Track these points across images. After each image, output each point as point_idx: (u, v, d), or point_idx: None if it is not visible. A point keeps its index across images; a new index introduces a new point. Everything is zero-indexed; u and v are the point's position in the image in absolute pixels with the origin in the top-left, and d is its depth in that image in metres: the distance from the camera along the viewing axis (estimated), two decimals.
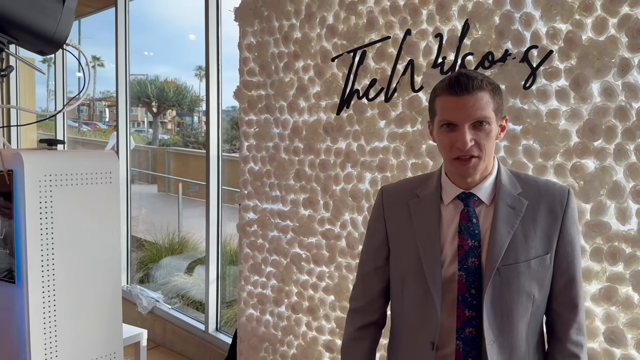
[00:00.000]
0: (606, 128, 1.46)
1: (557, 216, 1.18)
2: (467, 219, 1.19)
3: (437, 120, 1.17)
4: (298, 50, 2.21)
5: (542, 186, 1.21)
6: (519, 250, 1.16)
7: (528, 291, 1.17)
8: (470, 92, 1.11)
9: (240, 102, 2.49)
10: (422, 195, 1.26)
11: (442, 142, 1.17)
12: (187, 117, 21.74)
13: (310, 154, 2.20)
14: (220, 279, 3.37)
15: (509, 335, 1.17)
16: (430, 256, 1.19)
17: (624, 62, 1.42)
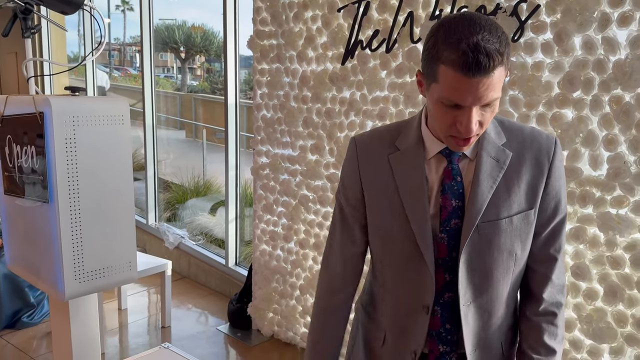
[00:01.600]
0: (585, 80, 1.55)
1: (543, 168, 1.07)
2: (451, 178, 1.07)
3: (439, 89, 0.96)
4: (307, 1, 2.31)
5: (527, 135, 1.10)
6: (500, 205, 1.06)
7: (510, 249, 1.07)
8: (487, 73, 0.91)
9: (253, 51, 2.62)
10: (403, 148, 1.12)
11: (439, 115, 0.99)
12: (216, 64, 21.77)
13: (317, 103, 2.34)
14: (239, 218, 3.61)
15: (488, 296, 1.09)
16: (419, 214, 1.07)
17: (604, 17, 1.50)
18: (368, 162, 1.15)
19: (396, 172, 1.11)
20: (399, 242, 1.10)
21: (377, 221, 1.14)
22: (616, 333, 1.57)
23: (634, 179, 1.49)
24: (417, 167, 1.09)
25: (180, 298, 3.48)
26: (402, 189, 1.10)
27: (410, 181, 1.09)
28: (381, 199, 1.13)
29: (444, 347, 1.12)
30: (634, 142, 1.48)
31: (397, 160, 1.12)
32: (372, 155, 1.15)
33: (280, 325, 2.73)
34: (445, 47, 0.92)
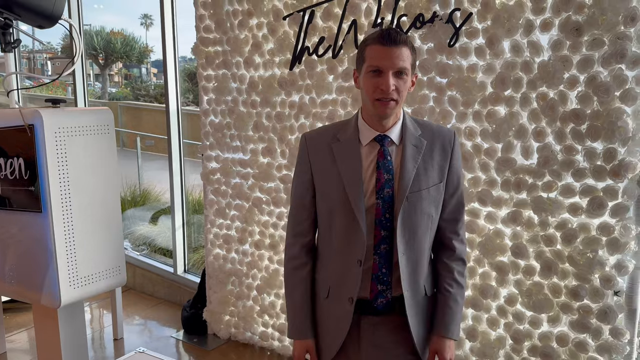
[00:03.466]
0: (514, 79, 1.74)
1: (447, 153, 1.42)
2: (384, 157, 1.38)
3: (366, 66, 1.32)
4: (252, 9, 2.38)
5: (435, 129, 1.45)
6: (421, 180, 1.39)
7: (428, 212, 1.40)
8: (397, 44, 1.29)
9: (198, 58, 2.65)
10: (343, 139, 1.42)
11: (368, 85, 1.33)
12: (135, 69, 21.04)
13: (267, 107, 2.41)
14: (185, 226, 3.59)
15: (414, 248, 1.40)
16: (355, 189, 1.37)
17: (528, 23, 1.70)
18: (315, 152, 1.45)
19: (338, 158, 1.41)
20: (341, 211, 1.40)
21: (324, 196, 1.44)
22: (553, 303, 1.77)
23: (561, 166, 1.70)
24: (353, 153, 1.40)
25: (129, 310, 3.41)
26: (342, 171, 1.39)
27: (348, 164, 1.39)
28: (326, 179, 1.43)
29: (381, 287, 1.41)
30: (559, 133, 1.69)
31: (339, 148, 1.42)
32: (318, 146, 1.45)
33: (238, 326, 2.77)
34: (369, 36, 1.34)
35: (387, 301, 1.42)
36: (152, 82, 19.13)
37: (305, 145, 1.48)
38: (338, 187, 1.39)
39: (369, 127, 1.40)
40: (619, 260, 1.64)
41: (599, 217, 1.65)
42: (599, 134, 1.60)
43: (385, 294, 1.42)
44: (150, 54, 19.77)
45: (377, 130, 1.40)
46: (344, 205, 1.39)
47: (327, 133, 1.47)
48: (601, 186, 1.64)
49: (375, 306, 1.42)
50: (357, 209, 1.37)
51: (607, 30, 1.56)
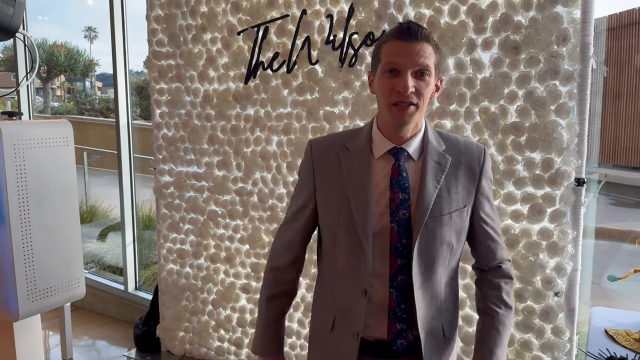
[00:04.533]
0: (458, 95, 1.85)
1: (475, 172, 1.25)
2: (398, 173, 1.20)
3: (382, 65, 1.17)
4: (205, 24, 2.40)
5: (462, 144, 1.28)
6: (443, 203, 1.20)
7: (448, 241, 1.22)
8: (417, 39, 1.13)
9: (150, 71, 2.63)
10: (353, 149, 1.26)
11: (384, 87, 1.16)
12: (78, 83, 20.38)
13: (221, 120, 2.43)
14: (136, 242, 3.52)
15: (431, 280, 1.22)
16: (362, 208, 1.20)
17: (471, 42, 1.81)
18: (321, 160, 1.30)
19: (345, 170, 1.24)
20: (345, 233, 1.23)
21: (327, 213, 1.28)
22: None
23: (503, 175, 1.81)
24: (363, 166, 1.23)
25: (78, 330, 3.30)
26: (350, 185, 1.23)
27: (357, 178, 1.23)
28: (331, 193, 1.26)
29: (401, 325, 1.23)
30: (500, 145, 1.80)
31: (347, 158, 1.25)
32: (326, 155, 1.29)
33: (193, 342, 2.74)
34: (387, 32, 1.21)
35: (408, 342, 1.24)
36: (97, 96, 18.58)
37: (310, 153, 1.32)
38: (343, 204, 1.23)
39: (384, 138, 1.23)
40: (558, 263, 1.76)
41: (539, 222, 1.77)
42: (537, 145, 1.73)
43: (406, 334, 1.23)
44: (95, 67, 19.22)
45: (392, 142, 1.23)
46: (349, 226, 1.22)
47: (336, 141, 1.31)
48: (540, 194, 1.76)
49: (395, 348, 1.24)
50: (362, 231, 1.20)
51: (542, 49, 1.69)
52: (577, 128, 1.68)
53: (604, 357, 1.58)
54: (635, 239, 5.67)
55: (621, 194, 8.95)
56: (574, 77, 1.66)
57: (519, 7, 1.72)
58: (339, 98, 2.11)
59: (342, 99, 2.11)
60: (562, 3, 1.65)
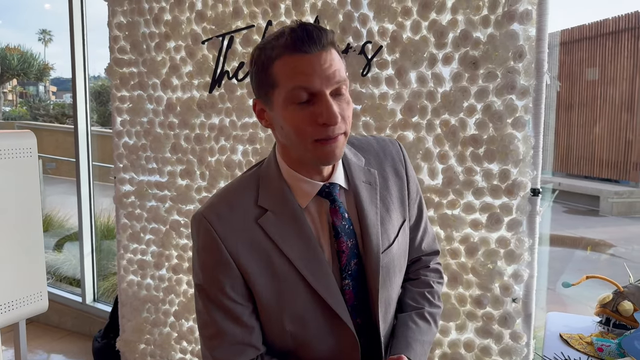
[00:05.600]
0: (420, 107, 1.90)
1: (402, 177, 1.08)
2: (340, 216, 0.96)
3: (283, 93, 0.86)
4: (169, 32, 2.38)
5: (378, 148, 1.09)
6: (388, 229, 1.01)
7: (401, 266, 1.07)
8: (324, 46, 0.86)
9: (112, 78, 2.59)
10: (272, 207, 0.95)
11: (297, 122, 0.87)
12: (32, 87, 19.71)
13: (185, 129, 2.41)
14: (94, 252, 3.43)
15: (390, 316, 1.08)
16: (324, 280, 0.94)
17: (432, 56, 1.87)
18: (237, 240, 0.93)
19: (279, 240, 0.93)
20: (309, 314, 0.96)
21: (277, 304, 0.96)
22: (459, 312, 1.92)
23: (462, 185, 1.87)
24: (301, 222, 0.94)
25: (33, 344, 3.19)
26: (295, 257, 0.93)
27: (299, 246, 0.94)
28: (273, 277, 0.94)
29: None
30: (460, 156, 1.86)
31: (272, 224, 0.93)
32: (238, 230, 0.93)
33: (154, 355, 2.68)
34: (271, 49, 0.86)
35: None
36: (51, 101, 18.01)
37: (212, 234, 0.93)
38: (294, 283, 0.94)
39: (305, 178, 0.95)
40: (515, 270, 1.82)
41: (497, 231, 1.83)
42: (495, 156, 1.79)
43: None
44: (50, 71, 18.64)
45: (316, 180, 0.96)
46: (312, 303, 0.95)
47: (241, 202, 0.96)
48: (498, 203, 1.82)
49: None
50: (337, 304, 0.95)
51: (499, 65, 1.76)
52: (532, 140, 1.76)
53: None
54: (588, 246, 5.92)
55: (574, 202, 9.32)
56: (530, 92, 1.73)
57: (478, 24, 1.78)
58: None
59: None
60: (518, 21, 1.72)
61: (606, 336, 1.76)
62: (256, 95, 0.95)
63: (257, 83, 0.93)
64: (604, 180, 10.50)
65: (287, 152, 0.97)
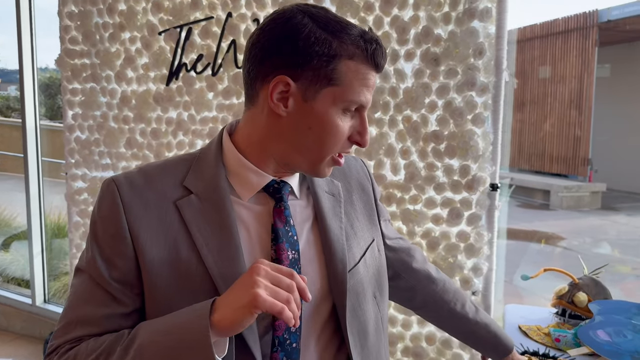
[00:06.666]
0: (383, 103, 1.90)
1: (369, 193, 1.00)
2: (284, 221, 0.82)
3: (342, 96, 0.77)
4: (124, 22, 2.29)
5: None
6: (354, 246, 0.89)
7: (372, 293, 0.92)
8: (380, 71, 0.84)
9: (62, 70, 2.47)
10: (199, 190, 0.81)
11: (340, 132, 0.79)
12: None
13: (141, 123, 2.33)
14: (45, 252, 3.29)
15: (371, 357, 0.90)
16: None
17: (394, 52, 1.87)
18: (142, 216, 0.78)
19: (193, 230, 0.78)
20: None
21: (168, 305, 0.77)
22: None
23: (424, 181, 1.88)
24: (227, 215, 0.79)
25: None
26: (208, 252, 0.77)
27: (218, 241, 0.78)
28: (172, 270, 0.78)
29: None
30: (422, 152, 1.87)
31: (193, 208, 0.79)
32: (148, 205, 0.79)
33: None
34: (344, 42, 0.76)
35: None
36: None
37: (116, 200, 0.79)
38: (198, 283, 0.77)
39: (255, 167, 0.83)
40: (475, 264, 1.85)
41: (457, 225, 1.86)
42: (455, 152, 1.81)
43: None
44: None
45: (267, 173, 0.84)
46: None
47: (163, 179, 0.82)
48: (458, 198, 1.85)
49: None
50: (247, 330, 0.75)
51: (460, 62, 1.78)
52: (491, 137, 1.79)
53: (518, 352, 1.68)
54: (541, 239, 6.14)
55: (526, 197, 9.65)
56: (489, 89, 1.76)
57: (439, 20, 1.79)
58: None
59: None
60: (478, 18, 1.74)
61: (562, 327, 1.81)
62: (288, 72, 0.76)
63: (302, 61, 0.75)
64: (554, 175, 10.94)
65: (266, 143, 0.82)
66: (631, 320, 1.67)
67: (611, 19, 9.65)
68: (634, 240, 6.59)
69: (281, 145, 0.82)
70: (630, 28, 9.60)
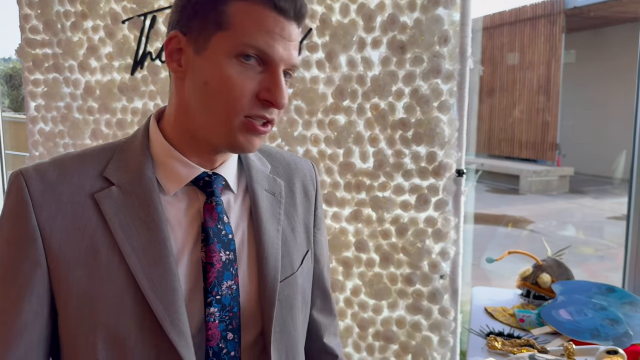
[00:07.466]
0: (351, 91, 1.91)
1: (311, 198, 0.91)
2: (217, 218, 0.75)
3: (233, 40, 0.69)
4: (86, 11, 2.23)
5: (290, 159, 0.92)
6: (292, 252, 0.82)
7: (306, 307, 0.86)
8: (298, 19, 0.73)
9: (24, 60, 2.40)
10: (121, 182, 0.73)
11: (238, 83, 0.69)
12: None
13: (106, 113, 2.28)
14: None
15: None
16: (168, 290, 0.69)
17: (361, 40, 1.87)
18: (55, 214, 0.70)
19: (113, 222, 0.70)
20: (133, 339, 0.69)
21: (91, 315, 0.69)
22: (391, 290, 1.97)
23: (392, 168, 1.90)
24: (152, 209, 0.71)
25: None
26: (130, 250, 0.70)
27: (142, 234, 0.71)
28: (91, 272, 0.70)
29: None
30: (390, 139, 1.89)
31: (113, 201, 0.71)
32: (62, 200, 0.70)
33: None
34: None
35: None
36: None
37: (25, 199, 0.69)
38: (119, 286, 0.70)
39: (183, 158, 0.75)
40: (442, 248, 1.89)
41: (425, 211, 1.89)
42: (422, 139, 1.83)
43: None
44: None
45: (198, 165, 0.77)
46: (140, 322, 0.69)
47: (76, 170, 0.73)
48: (425, 184, 1.87)
49: None
50: (176, 330, 0.68)
51: (425, 49, 1.79)
52: (457, 123, 1.82)
53: (484, 333, 1.73)
54: (509, 223, 6.29)
55: (496, 182, 9.85)
56: (454, 76, 1.78)
57: (405, 8, 1.80)
58: None
59: None
60: (443, 5, 1.76)
61: (527, 307, 1.87)
62: (179, 26, 0.71)
63: (190, 11, 0.70)
64: (523, 161, 11.18)
65: (180, 119, 0.75)
66: (591, 299, 1.73)
67: (577, 5, 9.85)
68: (597, 223, 6.82)
69: (191, 116, 0.73)
70: (595, 15, 9.82)
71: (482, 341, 1.69)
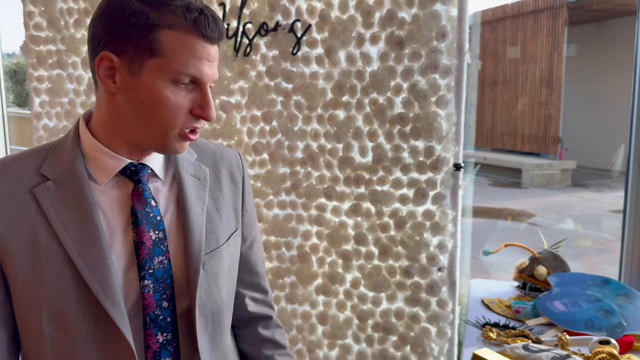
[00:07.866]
0: (350, 86, 1.93)
1: (238, 183, 1.02)
2: (144, 202, 0.86)
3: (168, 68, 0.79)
4: (89, 8, 2.26)
5: (215, 150, 1.02)
6: (218, 229, 0.93)
7: (232, 279, 0.98)
8: (221, 39, 0.85)
9: (28, 57, 2.43)
10: (56, 177, 0.83)
11: (176, 105, 0.81)
12: None
13: None
14: None
15: (222, 346, 0.95)
16: (100, 267, 0.80)
17: (360, 36, 1.90)
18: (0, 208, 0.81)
19: (52, 213, 0.81)
20: (73, 312, 0.81)
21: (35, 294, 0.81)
22: (390, 283, 2.01)
23: (391, 162, 1.93)
24: (85, 199, 0.82)
25: None
26: (67, 236, 0.81)
27: (78, 222, 0.81)
28: (33, 256, 0.81)
29: None
30: (388, 134, 1.92)
31: (50, 194, 0.82)
32: (4, 196, 0.82)
33: None
34: (163, 12, 0.78)
35: None
36: None
37: None
38: (59, 268, 0.81)
39: (109, 151, 0.86)
40: (440, 241, 1.92)
41: (423, 205, 1.92)
42: (420, 134, 1.86)
43: None
44: None
45: (123, 156, 0.87)
46: (80, 299, 0.81)
47: (15, 168, 0.85)
48: (423, 178, 1.90)
49: None
50: (109, 300, 0.80)
51: (423, 45, 1.82)
52: (454, 118, 1.84)
53: (480, 324, 1.77)
54: (509, 216, 6.32)
55: (498, 175, 9.86)
56: (452, 71, 1.81)
57: (403, 4, 1.83)
58: (234, 87, 2.11)
59: (238, 88, 2.11)
60: (440, 1, 1.78)
61: (523, 299, 1.90)
62: (110, 47, 0.79)
63: (120, 35, 0.78)
64: (526, 154, 11.17)
65: (111, 124, 0.85)
66: (586, 291, 1.76)
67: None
68: (596, 216, 6.84)
69: (123, 124, 0.85)
70: (597, 7, 9.78)
71: (478, 332, 1.73)
